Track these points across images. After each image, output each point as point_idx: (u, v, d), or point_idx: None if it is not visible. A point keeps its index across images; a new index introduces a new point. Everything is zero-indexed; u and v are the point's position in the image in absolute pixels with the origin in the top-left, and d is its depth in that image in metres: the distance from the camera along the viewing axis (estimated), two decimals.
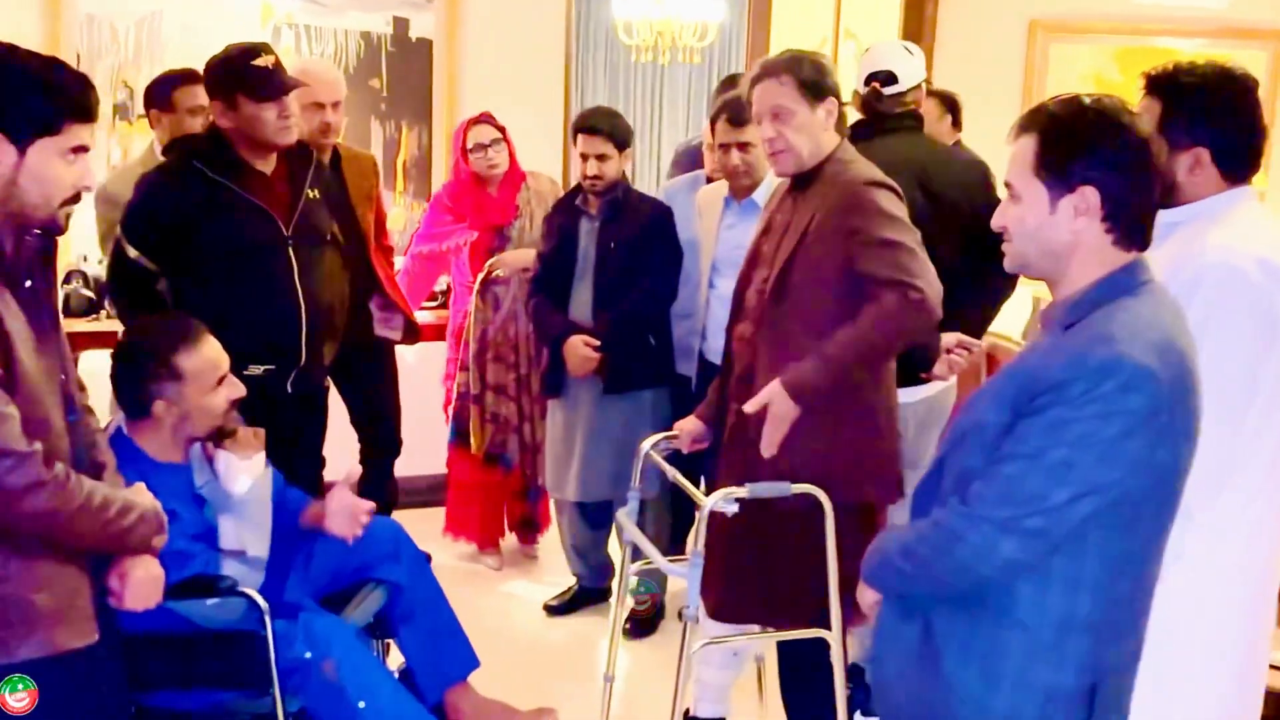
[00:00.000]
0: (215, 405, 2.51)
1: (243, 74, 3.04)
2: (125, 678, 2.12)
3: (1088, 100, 1.71)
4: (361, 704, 2.44)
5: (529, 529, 4.51)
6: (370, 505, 2.76)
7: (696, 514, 2.61)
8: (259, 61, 3.03)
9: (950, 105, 4.82)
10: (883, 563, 1.86)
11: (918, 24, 5.67)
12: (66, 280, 4.37)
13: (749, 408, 2.63)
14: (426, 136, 4.92)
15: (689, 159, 4.49)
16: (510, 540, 4.55)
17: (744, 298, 2.84)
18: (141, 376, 2.47)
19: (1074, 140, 1.68)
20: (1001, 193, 1.81)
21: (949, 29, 5.63)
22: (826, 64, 2.75)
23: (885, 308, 2.56)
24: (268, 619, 2.38)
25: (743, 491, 2.61)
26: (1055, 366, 1.63)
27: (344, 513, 2.70)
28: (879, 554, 1.87)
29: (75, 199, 1.90)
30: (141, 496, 2.02)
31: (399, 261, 4.39)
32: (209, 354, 2.52)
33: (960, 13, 5.66)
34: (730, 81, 5.07)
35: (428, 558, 4.30)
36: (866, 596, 1.95)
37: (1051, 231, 1.70)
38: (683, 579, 2.63)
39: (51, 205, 1.86)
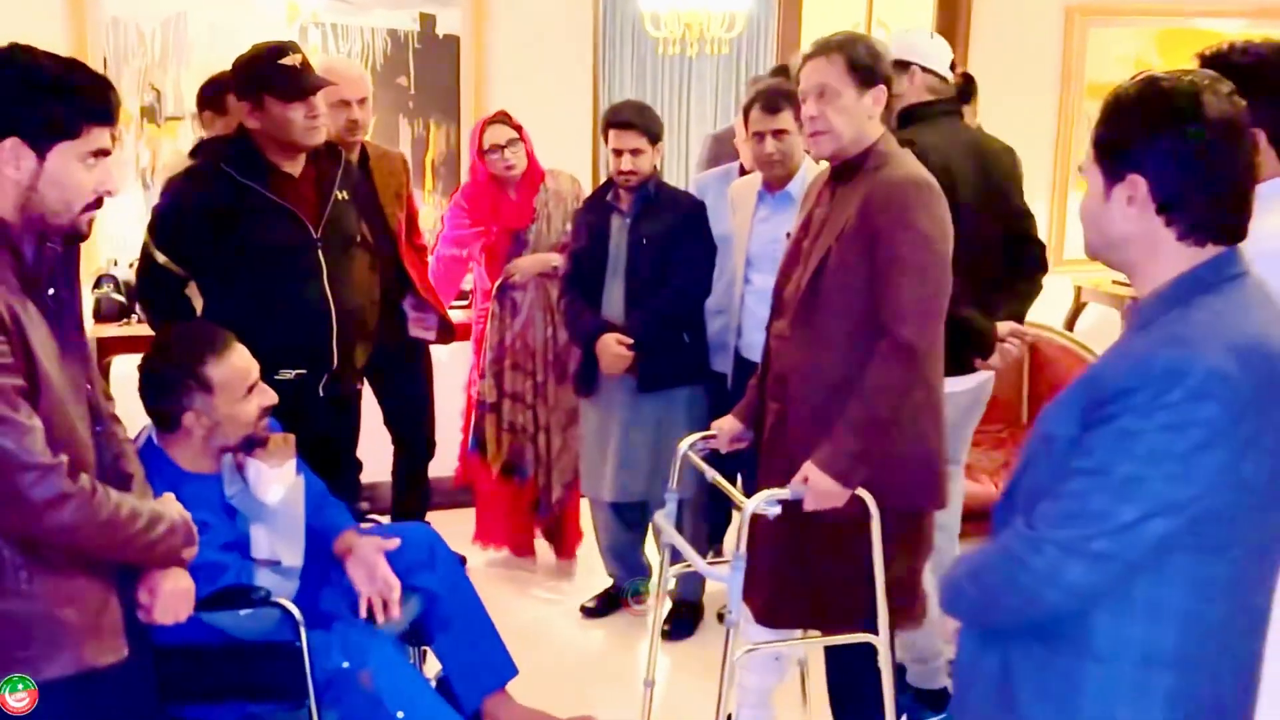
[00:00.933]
0: (246, 414, 2.46)
1: (269, 74, 3.00)
2: (156, 692, 2.07)
3: (1164, 80, 1.55)
4: (400, 715, 2.40)
5: (557, 540, 4.38)
6: (388, 576, 2.63)
7: (736, 516, 2.55)
8: (286, 61, 2.99)
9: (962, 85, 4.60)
10: (954, 589, 1.71)
11: (952, 10, 5.56)
12: (97, 285, 4.35)
13: (790, 493, 2.54)
14: (454, 134, 4.86)
15: (719, 148, 4.42)
16: (545, 546, 4.43)
17: (782, 296, 2.76)
18: (169, 389, 2.43)
19: (1128, 124, 1.55)
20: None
21: (985, 14, 5.52)
22: (882, 54, 2.64)
23: (878, 367, 2.51)
24: (303, 629, 2.33)
25: (785, 493, 2.55)
26: (1120, 372, 1.49)
27: (365, 568, 2.61)
28: (951, 579, 1.73)
29: (97, 204, 1.86)
30: (170, 507, 1.97)
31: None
32: (238, 363, 2.47)
33: None
34: (777, 74, 5.01)
35: (463, 560, 4.32)
36: (948, 624, 1.81)
37: (1107, 220, 1.58)
38: (722, 581, 2.58)
39: (73, 210, 1.82)
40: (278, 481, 2.49)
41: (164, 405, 2.43)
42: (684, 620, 3.95)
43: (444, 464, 4.41)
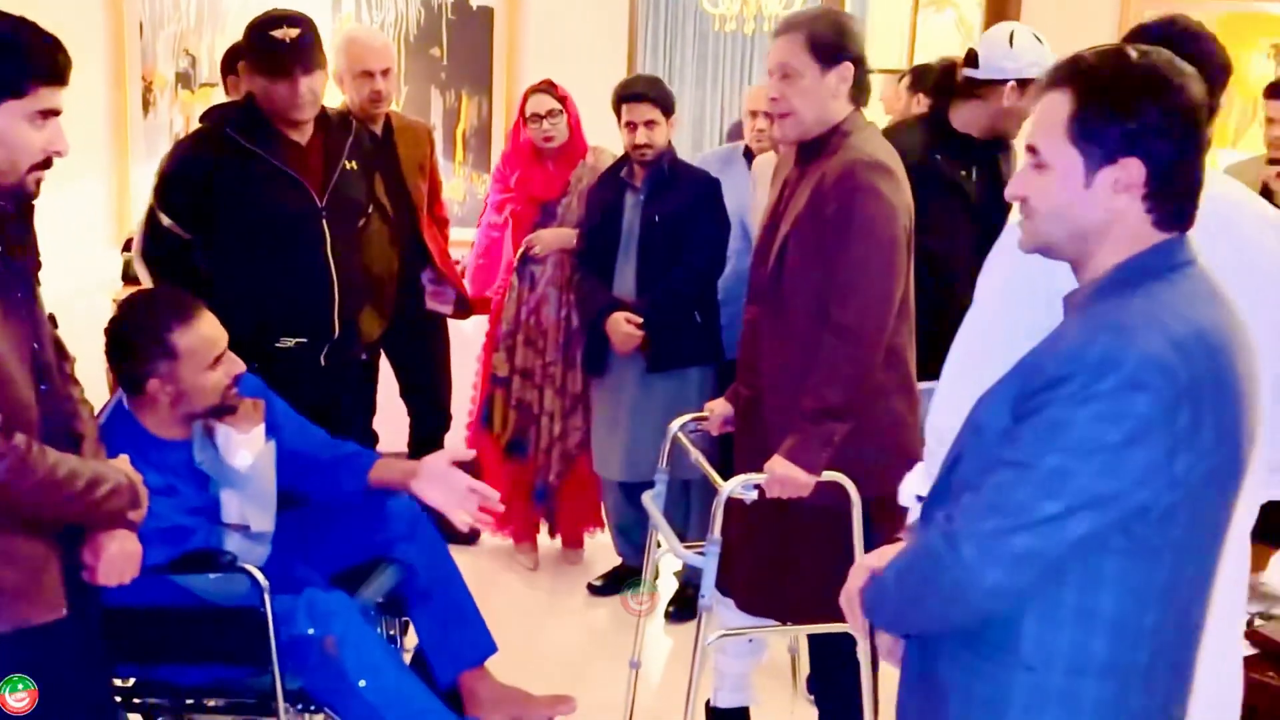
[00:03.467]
0: (212, 384, 2.45)
1: (255, 45, 2.99)
2: (103, 652, 2.09)
3: (1134, 53, 1.44)
4: (362, 683, 2.38)
5: (558, 528, 4.28)
6: (468, 482, 2.61)
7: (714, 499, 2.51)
8: (276, 33, 2.94)
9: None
10: (879, 593, 1.60)
11: None
12: (126, 248, 4.41)
13: (769, 491, 2.51)
14: (487, 106, 4.84)
15: (740, 132, 4.37)
16: (555, 542, 4.35)
17: (754, 281, 2.71)
18: (134, 354, 2.42)
19: (1120, 100, 1.41)
20: (1021, 158, 1.55)
21: (1037, 4, 5.36)
22: (846, 26, 2.57)
23: (824, 354, 2.47)
24: (267, 595, 2.33)
25: (761, 477, 2.51)
26: (1053, 359, 1.39)
27: (443, 484, 2.58)
28: (878, 583, 1.60)
29: (46, 164, 1.85)
30: (116, 469, 1.97)
31: (463, 234, 4.33)
32: (205, 332, 2.46)
33: None
34: None
35: (476, 534, 4.32)
36: (884, 640, 1.69)
37: (1084, 208, 1.45)
38: (696, 566, 2.55)
39: (19, 170, 1.82)
40: (246, 447, 2.48)
41: (128, 370, 2.43)
42: (689, 603, 3.90)
43: (462, 437, 4.41)
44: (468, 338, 4.51)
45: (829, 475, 2.49)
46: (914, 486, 2.04)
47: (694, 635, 3.65)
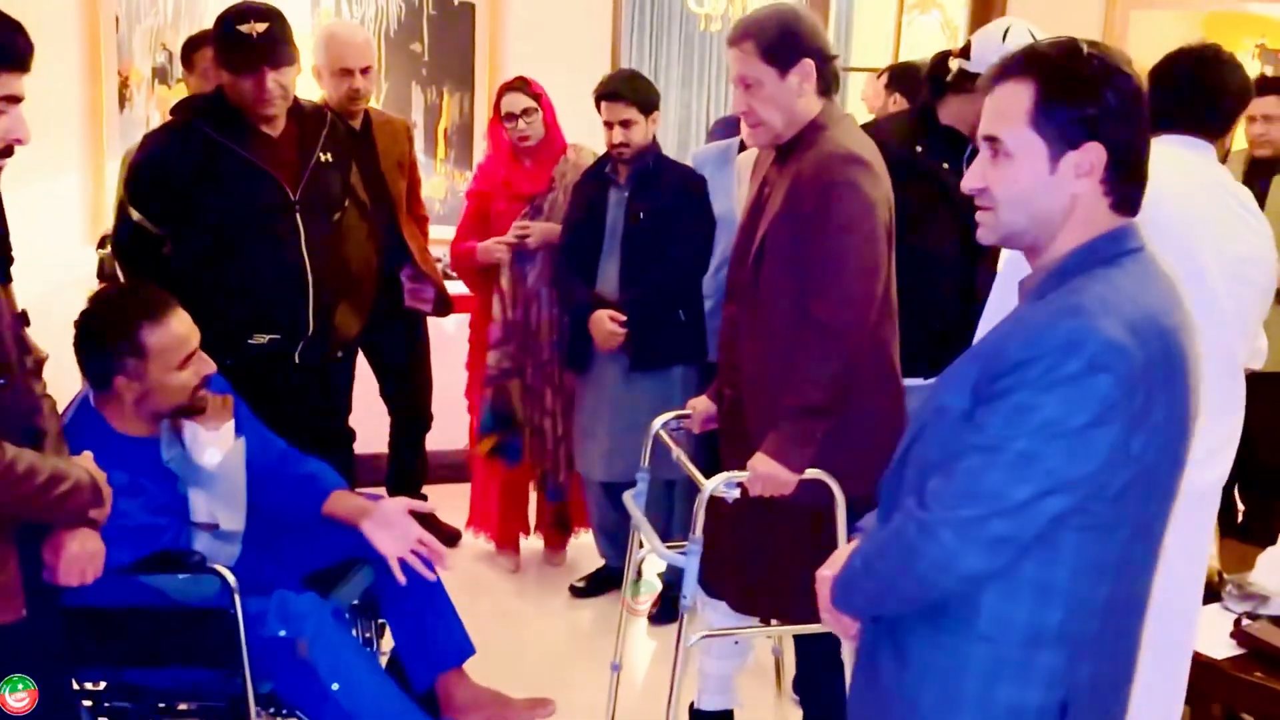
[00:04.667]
0: (180, 383, 2.39)
1: (222, 39, 2.94)
2: (65, 654, 2.03)
3: (1084, 44, 1.49)
4: (335, 686, 2.33)
5: (559, 530, 4.22)
6: (419, 534, 2.52)
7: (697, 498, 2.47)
8: (243, 28, 2.88)
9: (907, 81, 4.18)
10: (849, 580, 1.63)
11: None
12: (101, 245, 4.34)
13: (752, 490, 2.46)
14: (469, 103, 4.79)
15: (725, 131, 4.33)
16: (537, 543, 4.29)
17: (733, 280, 2.67)
18: (101, 350, 2.36)
19: (1081, 87, 1.46)
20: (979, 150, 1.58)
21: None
22: (797, 23, 2.49)
23: (803, 352, 2.42)
24: (236, 596, 2.28)
25: (744, 475, 2.46)
26: (1016, 343, 1.42)
27: (392, 530, 2.50)
28: (846, 571, 1.64)
29: (7, 152, 1.80)
30: (78, 466, 1.92)
31: (444, 232, 4.27)
32: (176, 330, 2.40)
33: None
34: None
35: (457, 535, 4.27)
36: (846, 625, 1.71)
37: (1048, 194, 1.49)
38: (678, 565, 2.50)
39: None
40: (215, 444, 2.42)
41: (95, 366, 2.37)
42: (671, 605, 3.84)
43: (443, 437, 4.36)
44: (448, 336, 4.47)
45: (812, 473, 2.45)
46: None
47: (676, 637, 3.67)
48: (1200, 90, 2.40)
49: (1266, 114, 4.01)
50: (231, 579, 2.28)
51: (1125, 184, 1.49)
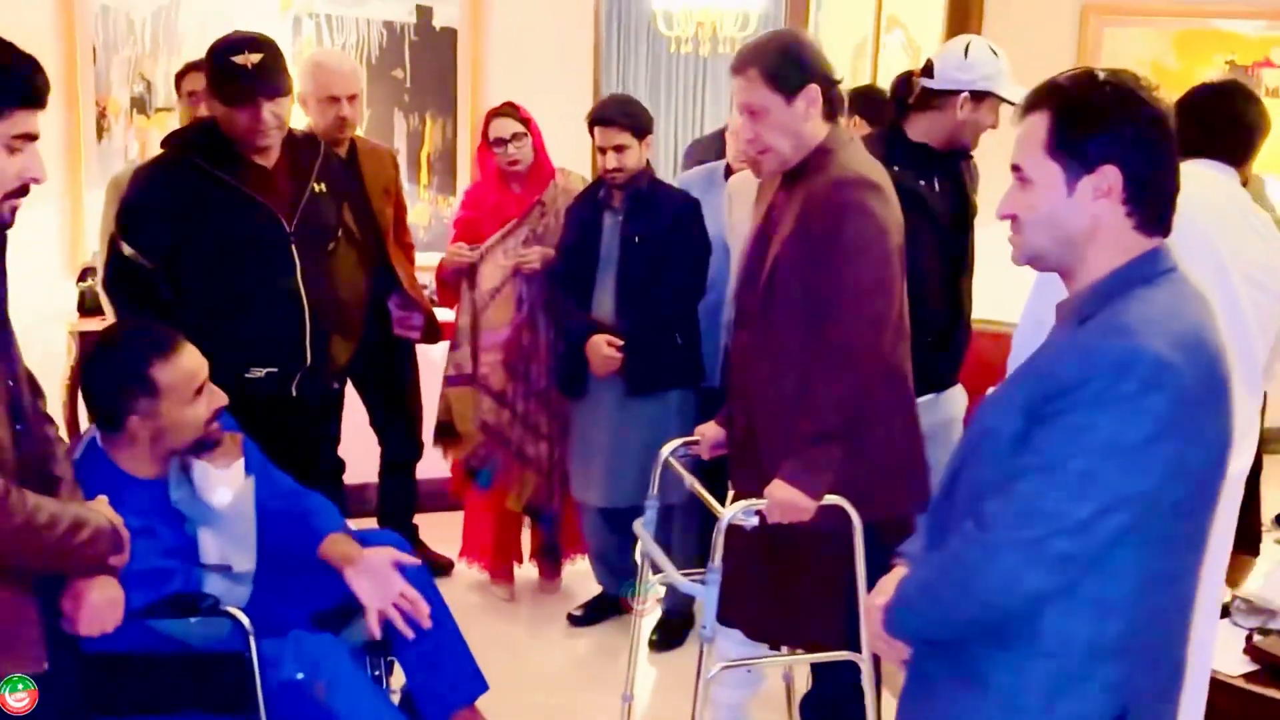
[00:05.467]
0: (194, 418, 2.34)
1: (217, 71, 2.89)
2: (85, 706, 1.97)
3: (1102, 74, 1.57)
4: None
5: (551, 557, 4.18)
6: (403, 588, 2.46)
7: (714, 528, 2.44)
8: (238, 59, 2.83)
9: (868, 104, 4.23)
10: (904, 608, 1.66)
11: (964, 9, 5.44)
12: (81, 278, 4.27)
13: (770, 517, 2.44)
14: (451, 129, 4.76)
15: (700, 153, 4.34)
16: (531, 572, 4.25)
17: (742, 306, 2.65)
18: (112, 392, 2.30)
19: (1093, 115, 1.53)
20: (1005, 179, 1.64)
21: (997, 13, 5.39)
22: (800, 48, 2.50)
23: (817, 377, 2.41)
24: (252, 638, 2.22)
25: (762, 503, 2.44)
26: (1068, 365, 1.47)
27: (376, 581, 2.43)
28: (900, 599, 1.66)
29: (22, 191, 1.75)
30: (97, 512, 1.86)
31: (430, 259, 4.23)
32: (187, 365, 2.35)
33: None
34: None
35: (449, 564, 4.22)
36: (899, 650, 1.71)
37: (1068, 216, 1.55)
38: (696, 595, 2.47)
39: None
40: (225, 483, 2.37)
41: (106, 408, 2.31)
42: (674, 632, 3.84)
43: (434, 465, 4.31)
44: (436, 364, 4.42)
45: (830, 499, 2.43)
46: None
47: (680, 664, 3.64)
48: (1223, 122, 2.56)
49: None
50: (246, 622, 2.23)
51: (1147, 205, 1.55)
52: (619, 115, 3.54)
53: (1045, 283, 2.10)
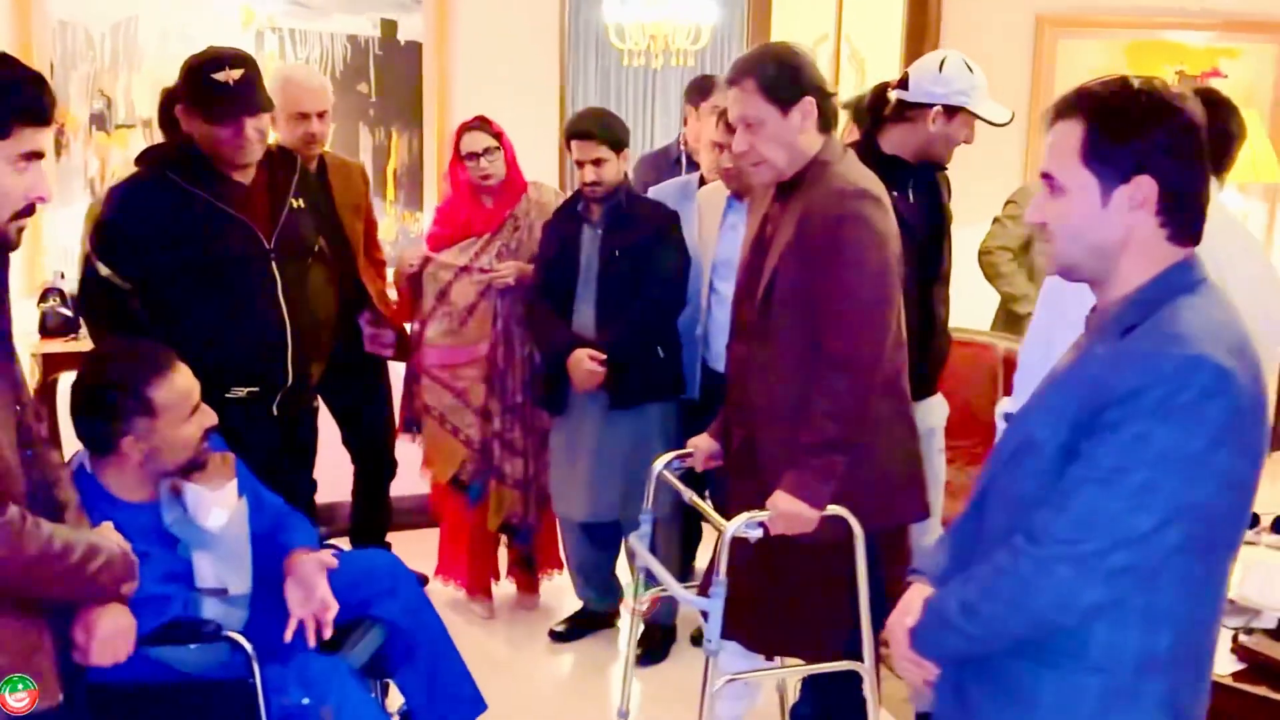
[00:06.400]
0: (188, 438, 2.30)
1: (197, 87, 2.84)
2: None
3: (1136, 81, 1.54)
4: None
5: (527, 572, 4.13)
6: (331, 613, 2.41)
7: (718, 540, 2.44)
8: (219, 76, 2.79)
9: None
10: (942, 629, 1.62)
11: (921, 19, 5.49)
12: (42, 298, 4.17)
13: (773, 529, 2.44)
14: (417, 143, 4.72)
15: (652, 167, 4.35)
16: (508, 588, 4.19)
17: (740, 317, 2.65)
18: (107, 411, 2.25)
19: (1129, 124, 1.50)
20: (1035, 186, 1.65)
21: (954, 25, 5.46)
22: (796, 60, 2.50)
23: (819, 388, 2.41)
24: (255, 664, 2.18)
25: (765, 515, 2.44)
26: (1125, 374, 1.44)
27: (303, 588, 2.40)
28: (936, 619, 1.63)
29: (28, 211, 1.71)
30: (108, 538, 1.82)
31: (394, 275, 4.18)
32: (182, 384, 2.31)
33: (966, 9, 5.49)
34: (704, 82, 4.98)
35: (424, 580, 4.16)
36: (928, 670, 1.68)
37: (1102, 227, 1.53)
38: (702, 609, 2.46)
39: (0, 218, 1.67)
40: (219, 505, 2.32)
41: (100, 428, 2.26)
42: (656, 645, 3.82)
43: (407, 482, 4.25)
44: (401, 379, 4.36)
45: (832, 509, 2.44)
46: (1005, 407, 2.21)
47: (665, 678, 3.63)
48: (1210, 132, 2.55)
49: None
50: (249, 647, 2.18)
51: (1180, 215, 1.53)
52: (597, 128, 3.53)
53: (1053, 298, 2.11)
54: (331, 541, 2.82)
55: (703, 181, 3.84)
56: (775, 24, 5.74)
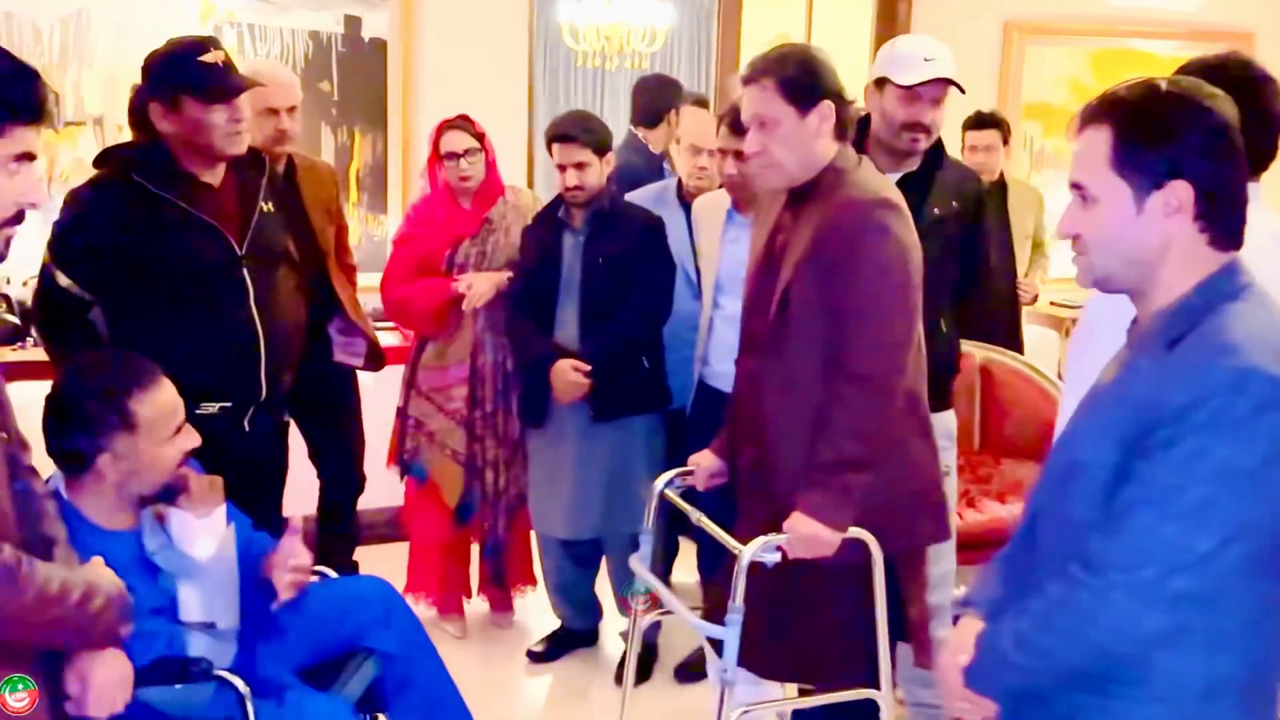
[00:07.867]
0: (169, 459, 2.14)
1: (187, 71, 2.67)
2: None
3: (1163, 83, 1.49)
4: None
5: (499, 587, 3.98)
6: (306, 563, 2.35)
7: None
8: (207, 58, 2.66)
9: None
10: (996, 663, 1.55)
11: (890, 26, 5.45)
12: None
13: (792, 552, 2.33)
14: (382, 143, 4.56)
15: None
16: (480, 606, 4.04)
17: (750, 331, 2.55)
18: (85, 426, 2.09)
19: (1159, 127, 1.45)
20: (1064, 196, 1.57)
21: (923, 29, 5.40)
22: (817, 63, 2.40)
23: (836, 405, 2.31)
24: (249, 704, 2.03)
25: (783, 538, 2.33)
26: (1175, 389, 1.39)
27: (283, 565, 2.30)
28: (990, 653, 1.56)
29: (17, 219, 1.55)
30: (103, 576, 1.67)
31: (367, 280, 4.01)
32: (166, 400, 2.15)
33: (934, 15, 5.45)
34: (647, 83, 4.88)
35: None
36: (986, 707, 1.61)
37: (1138, 235, 1.47)
38: (716, 636, 2.35)
39: None
40: (207, 533, 2.16)
41: (76, 445, 2.09)
42: (641, 666, 3.69)
43: (375, 495, 4.09)
44: (369, 390, 4.20)
45: (853, 532, 2.34)
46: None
47: (650, 702, 3.51)
48: None
49: (986, 144, 4.71)
50: (243, 687, 2.03)
51: (1220, 218, 1.48)
52: (579, 132, 3.41)
53: (1102, 318, 1.96)
54: (320, 569, 2.65)
55: (680, 188, 3.73)
56: (744, 28, 5.65)
